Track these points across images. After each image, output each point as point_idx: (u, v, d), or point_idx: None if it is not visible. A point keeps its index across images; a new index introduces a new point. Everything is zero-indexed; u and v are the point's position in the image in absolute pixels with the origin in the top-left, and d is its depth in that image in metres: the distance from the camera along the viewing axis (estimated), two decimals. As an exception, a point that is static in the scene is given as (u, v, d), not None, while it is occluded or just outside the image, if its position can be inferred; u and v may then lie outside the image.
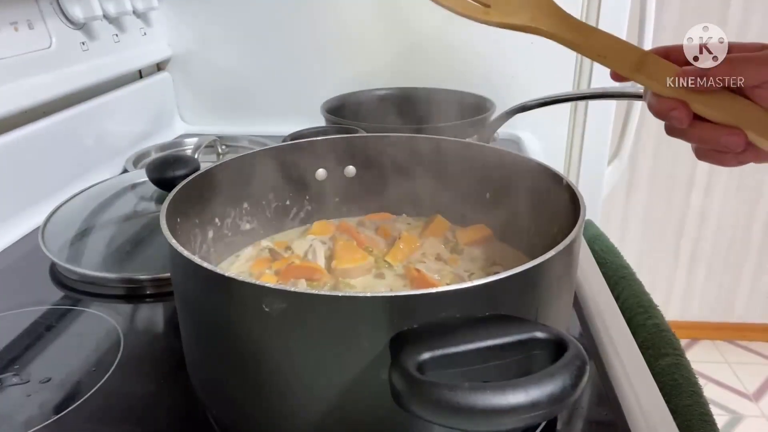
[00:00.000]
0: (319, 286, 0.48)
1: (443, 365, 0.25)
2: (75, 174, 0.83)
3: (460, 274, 0.50)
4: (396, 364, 0.25)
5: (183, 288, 0.37)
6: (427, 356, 0.25)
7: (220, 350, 0.35)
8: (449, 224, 0.57)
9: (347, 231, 0.56)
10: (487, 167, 0.53)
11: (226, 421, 0.39)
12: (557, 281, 0.34)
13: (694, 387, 0.47)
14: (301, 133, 0.67)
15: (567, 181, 0.43)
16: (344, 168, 0.58)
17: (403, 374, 0.24)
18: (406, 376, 0.24)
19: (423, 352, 0.25)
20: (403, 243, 0.52)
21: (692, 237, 1.84)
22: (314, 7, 1.03)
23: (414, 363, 0.25)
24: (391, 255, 0.51)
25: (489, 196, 0.54)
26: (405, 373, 0.24)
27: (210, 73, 1.12)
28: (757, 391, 1.75)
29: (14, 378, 0.45)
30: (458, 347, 0.25)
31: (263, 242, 0.56)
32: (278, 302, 0.29)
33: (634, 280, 0.62)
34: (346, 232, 0.56)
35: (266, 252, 0.54)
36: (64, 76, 0.81)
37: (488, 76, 1.01)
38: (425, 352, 0.25)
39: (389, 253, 0.52)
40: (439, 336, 0.26)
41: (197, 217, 0.49)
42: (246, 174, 0.53)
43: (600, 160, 1.11)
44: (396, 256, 0.51)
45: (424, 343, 0.26)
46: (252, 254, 0.54)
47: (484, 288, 0.29)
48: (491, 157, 0.52)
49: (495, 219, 0.54)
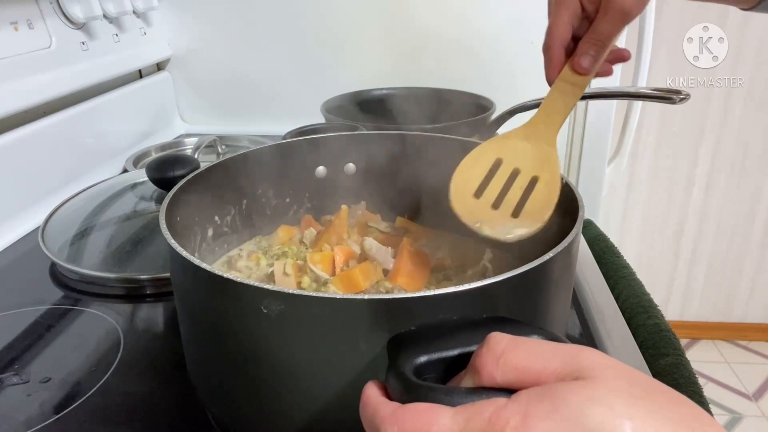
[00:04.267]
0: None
1: (440, 368, 0.25)
2: (75, 174, 0.83)
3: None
4: (393, 367, 0.25)
5: (182, 288, 0.37)
6: (424, 359, 0.25)
7: (219, 350, 0.35)
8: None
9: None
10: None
11: (226, 420, 0.39)
12: (556, 282, 0.34)
13: (694, 387, 0.47)
14: (301, 130, 0.67)
15: (566, 180, 0.43)
16: (344, 165, 0.58)
17: (399, 378, 0.24)
18: (403, 379, 0.24)
19: (420, 356, 0.25)
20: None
21: (692, 237, 1.84)
22: (314, 7, 1.03)
23: (411, 366, 0.25)
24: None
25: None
26: (402, 376, 0.24)
27: (210, 73, 1.12)
28: (757, 391, 1.75)
29: (14, 378, 0.45)
30: (455, 350, 0.25)
31: (263, 241, 0.56)
32: (276, 304, 0.29)
33: (634, 280, 0.62)
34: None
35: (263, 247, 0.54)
36: (64, 76, 0.81)
37: (488, 76, 1.01)
38: (422, 355, 0.25)
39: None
40: (436, 339, 0.26)
41: (197, 216, 0.49)
42: (245, 172, 0.53)
43: (600, 159, 1.11)
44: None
45: (421, 346, 0.26)
46: (251, 250, 0.54)
47: (481, 290, 0.29)
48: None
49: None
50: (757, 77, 1.60)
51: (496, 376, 0.22)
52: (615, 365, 0.21)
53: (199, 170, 0.48)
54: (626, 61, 0.48)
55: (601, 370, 0.21)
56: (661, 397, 0.20)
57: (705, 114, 1.65)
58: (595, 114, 1.07)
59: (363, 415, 0.24)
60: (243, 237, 0.56)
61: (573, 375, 0.21)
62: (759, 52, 1.57)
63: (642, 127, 1.63)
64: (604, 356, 0.22)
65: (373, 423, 0.23)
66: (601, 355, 0.22)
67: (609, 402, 0.19)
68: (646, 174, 1.75)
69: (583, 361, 0.21)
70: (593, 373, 0.21)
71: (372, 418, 0.23)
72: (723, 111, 1.65)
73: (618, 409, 0.19)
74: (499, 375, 0.22)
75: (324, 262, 0.49)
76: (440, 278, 0.49)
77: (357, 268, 0.47)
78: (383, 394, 0.24)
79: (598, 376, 0.21)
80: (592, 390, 0.20)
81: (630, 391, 0.20)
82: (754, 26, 1.55)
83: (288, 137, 0.58)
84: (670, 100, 0.61)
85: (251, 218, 0.56)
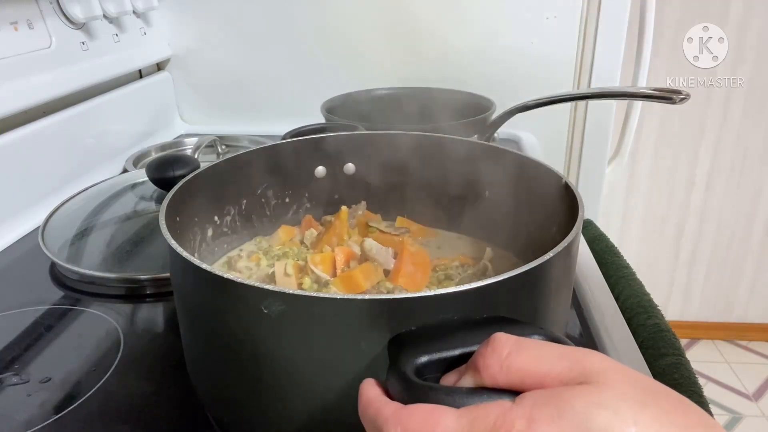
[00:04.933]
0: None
1: (442, 368, 0.25)
2: (75, 174, 0.83)
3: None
4: (393, 367, 0.25)
5: (182, 288, 0.37)
6: (425, 359, 0.25)
7: (218, 351, 0.35)
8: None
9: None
10: (486, 165, 0.52)
11: (226, 420, 0.39)
12: (556, 282, 0.34)
13: (694, 387, 0.47)
14: (301, 131, 0.67)
15: (566, 180, 0.43)
16: (344, 165, 0.58)
17: (400, 378, 0.24)
18: (405, 379, 0.24)
19: (421, 356, 0.25)
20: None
21: (692, 237, 1.84)
22: (314, 7, 1.03)
23: (412, 366, 0.25)
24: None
25: (488, 194, 0.54)
26: (403, 376, 0.24)
27: (210, 73, 1.12)
28: (757, 391, 1.75)
29: (14, 378, 0.45)
30: (456, 350, 0.25)
31: (263, 242, 0.56)
32: (277, 304, 0.29)
33: (634, 280, 0.62)
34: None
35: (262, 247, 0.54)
36: (64, 76, 0.81)
37: (488, 76, 1.01)
38: (423, 355, 0.25)
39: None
40: (437, 339, 0.26)
41: (197, 216, 0.49)
42: (245, 172, 0.53)
43: (600, 159, 1.11)
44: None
45: (422, 346, 0.26)
46: (252, 250, 0.54)
47: (482, 290, 0.29)
48: (490, 155, 0.52)
49: (491, 219, 0.54)
50: (757, 77, 1.60)
51: (499, 377, 0.22)
52: (621, 370, 0.21)
53: (199, 170, 0.48)
54: None
55: (607, 375, 0.21)
56: (667, 403, 0.20)
57: (705, 114, 1.65)
58: (595, 114, 1.07)
59: (363, 415, 0.24)
60: (243, 237, 0.56)
61: (578, 379, 0.21)
62: (759, 52, 1.57)
63: (642, 127, 1.63)
64: (610, 360, 0.22)
65: (375, 423, 0.23)
66: (607, 360, 0.22)
67: (614, 407, 0.19)
68: (646, 174, 1.75)
69: (589, 366, 0.21)
70: (599, 377, 0.21)
71: (374, 418, 0.23)
72: (723, 111, 1.65)
73: (623, 414, 0.19)
74: (503, 377, 0.22)
75: (325, 263, 0.49)
76: (441, 278, 0.49)
77: (358, 268, 0.48)
78: (383, 394, 0.24)
79: (604, 381, 0.21)
80: (598, 395, 0.20)
81: (636, 397, 0.20)
82: (754, 26, 1.55)
83: (287, 137, 0.58)
84: (670, 100, 0.61)
85: (251, 218, 0.56)
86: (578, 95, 0.97)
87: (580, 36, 1.01)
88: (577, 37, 1.01)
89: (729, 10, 1.54)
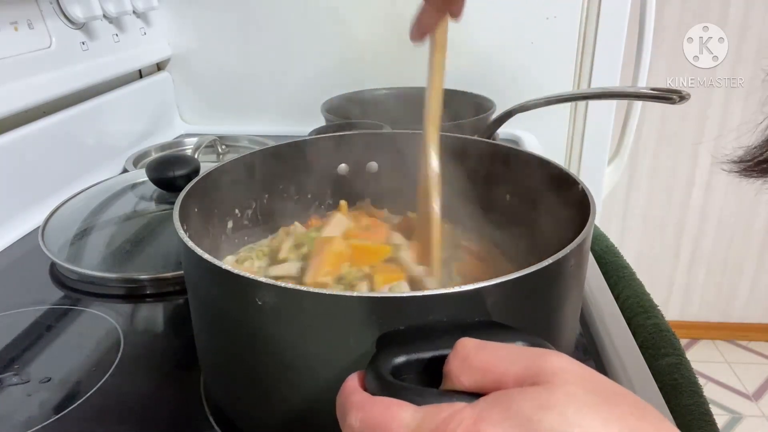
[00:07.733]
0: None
1: (419, 369, 0.25)
2: (75, 174, 0.83)
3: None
4: (371, 365, 0.25)
5: (191, 278, 0.38)
6: (402, 359, 0.25)
7: (223, 341, 0.36)
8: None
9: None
10: (496, 166, 0.52)
11: (230, 415, 0.39)
12: (558, 290, 0.33)
13: (694, 387, 0.47)
14: (325, 129, 0.67)
15: (577, 180, 0.41)
16: (366, 163, 0.58)
17: (375, 375, 0.24)
18: (378, 377, 0.24)
19: (399, 355, 0.25)
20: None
21: (692, 237, 1.84)
22: (314, 7, 1.03)
23: (389, 365, 0.25)
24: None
25: (509, 198, 0.52)
26: (377, 374, 0.24)
27: (210, 73, 1.12)
28: (757, 391, 1.75)
29: (14, 378, 0.45)
30: (437, 352, 0.25)
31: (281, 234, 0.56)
32: (270, 296, 0.30)
33: (634, 280, 0.62)
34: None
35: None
36: (64, 76, 0.81)
37: (488, 76, 1.01)
38: (401, 355, 0.25)
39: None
40: (419, 339, 0.26)
41: (217, 208, 0.49)
42: (267, 167, 0.53)
43: (600, 159, 1.11)
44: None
45: (402, 346, 0.26)
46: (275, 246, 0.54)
47: (473, 293, 0.29)
48: (501, 154, 0.52)
49: (492, 219, 0.54)
50: (757, 77, 1.60)
51: (463, 379, 0.23)
52: (577, 370, 0.21)
53: (217, 165, 0.48)
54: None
55: (560, 376, 0.21)
56: (619, 408, 0.20)
57: (705, 114, 1.66)
58: (595, 114, 1.07)
59: (337, 401, 0.25)
60: (264, 231, 0.56)
61: (532, 379, 0.21)
62: (759, 52, 1.57)
63: (642, 127, 1.63)
64: (569, 361, 0.22)
65: (343, 408, 0.24)
66: (565, 360, 0.22)
67: (561, 409, 0.19)
68: (646, 174, 1.75)
69: (545, 365, 0.21)
70: (553, 378, 0.21)
71: (343, 403, 0.24)
72: (723, 111, 1.65)
73: (569, 416, 0.19)
74: (465, 378, 0.23)
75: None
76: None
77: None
78: (362, 386, 0.25)
79: (556, 382, 0.20)
80: (547, 396, 0.20)
81: (585, 399, 0.20)
82: (754, 26, 1.55)
83: (313, 134, 0.59)
84: (670, 100, 0.61)
85: (273, 213, 0.56)
86: (578, 95, 0.97)
87: (580, 36, 1.01)
88: (577, 37, 1.01)
89: (729, 10, 1.54)
